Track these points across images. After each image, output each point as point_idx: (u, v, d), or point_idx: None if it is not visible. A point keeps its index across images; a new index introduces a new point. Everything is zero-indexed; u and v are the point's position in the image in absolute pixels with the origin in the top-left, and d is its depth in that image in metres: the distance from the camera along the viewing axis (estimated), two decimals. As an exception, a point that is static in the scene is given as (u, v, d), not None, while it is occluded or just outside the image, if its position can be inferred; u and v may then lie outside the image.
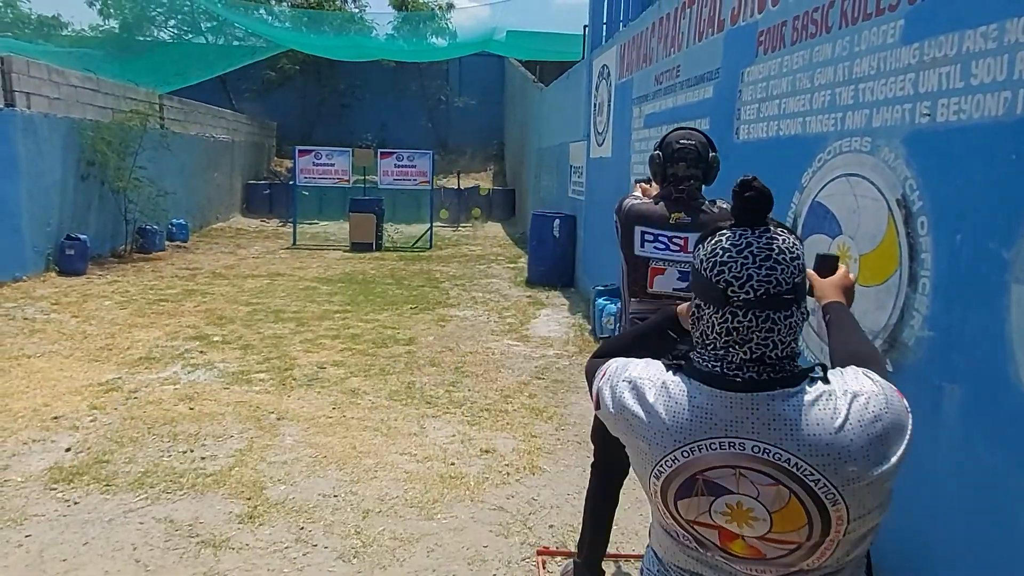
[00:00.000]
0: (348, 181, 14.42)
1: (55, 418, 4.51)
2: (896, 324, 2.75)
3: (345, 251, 13.24)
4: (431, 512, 3.47)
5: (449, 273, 11.03)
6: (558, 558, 3.09)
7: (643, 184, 2.82)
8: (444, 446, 4.26)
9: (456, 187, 19.52)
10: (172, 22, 20.65)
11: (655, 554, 1.34)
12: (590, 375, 1.37)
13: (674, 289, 2.47)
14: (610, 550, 2.87)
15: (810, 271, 1.44)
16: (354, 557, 3.07)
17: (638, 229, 2.47)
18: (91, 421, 4.49)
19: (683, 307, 1.40)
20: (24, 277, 8.88)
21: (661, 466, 1.17)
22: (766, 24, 3.99)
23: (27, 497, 3.50)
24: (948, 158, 2.58)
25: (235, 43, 18.48)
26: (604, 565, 2.80)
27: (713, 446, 1.12)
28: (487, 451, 4.20)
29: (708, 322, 1.17)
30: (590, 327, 7.25)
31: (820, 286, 1.50)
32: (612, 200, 2.81)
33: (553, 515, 3.48)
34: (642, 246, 2.47)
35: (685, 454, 1.14)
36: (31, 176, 9.14)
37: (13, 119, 8.83)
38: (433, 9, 22.67)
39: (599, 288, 7.06)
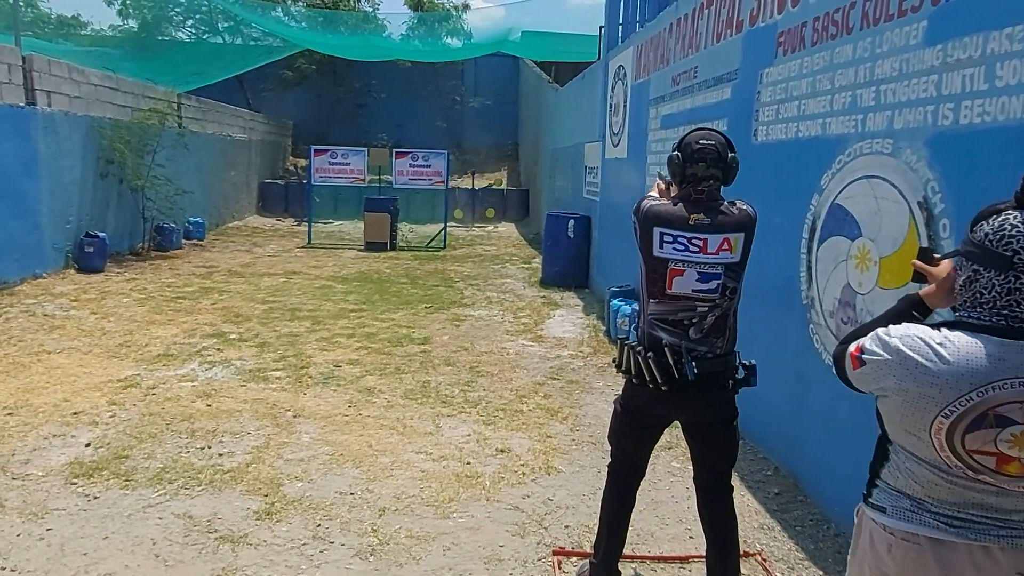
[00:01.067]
0: (363, 180, 14.48)
1: (75, 413, 4.56)
2: (917, 327, 2.73)
3: (360, 250, 13.30)
4: (447, 511, 3.48)
5: (463, 273, 11.05)
6: (574, 558, 3.09)
7: (660, 182, 2.77)
8: (460, 445, 4.27)
9: (471, 187, 19.57)
10: (190, 22, 20.85)
11: (901, 494, 1.56)
12: (836, 358, 1.65)
13: (693, 290, 2.44)
14: (626, 551, 2.86)
15: (920, 263, 1.69)
16: (371, 555, 3.08)
17: (657, 230, 2.45)
18: (110, 417, 4.54)
19: (927, 289, 1.64)
20: (44, 274, 8.99)
21: (953, 406, 1.41)
22: (786, 25, 3.97)
23: (48, 491, 3.54)
24: (972, 160, 2.56)
25: (252, 43, 18.63)
26: (620, 567, 2.80)
27: (1006, 386, 1.38)
28: (502, 451, 4.20)
29: (987, 284, 1.44)
30: (604, 328, 7.24)
31: (943, 272, 1.76)
32: (627, 201, 2.80)
33: (569, 515, 3.48)
34: (661, 247, 2.45)
35: (980, 394, 1.39)
36: (51, 174, 9.24)
37: (34, 117, 8.93)
38: (448, 9, 22.71)
39: (614, 289, 7.05)
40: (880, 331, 1.54)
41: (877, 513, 1.60)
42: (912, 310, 1.65)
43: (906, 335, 1.48)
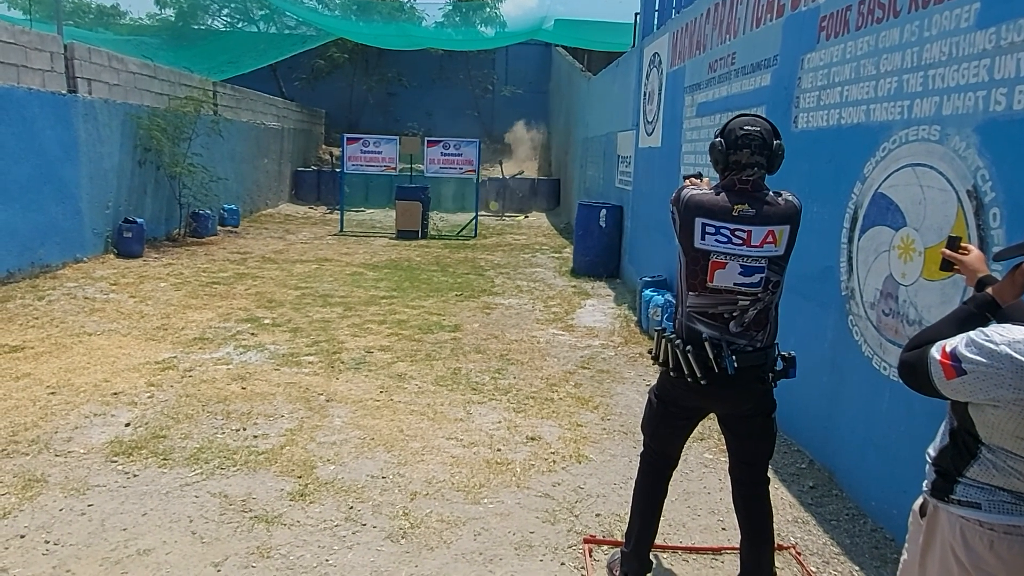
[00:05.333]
0: (395, 169, 14.54)
1: (115, 394, 4.66)
2: (963, 319, 2.65)
3: (391, 238, 13.37)
4: (478, 496, 3.49)
5: (494, 261, 11.05)
6: (605, 547, 3.07)
7: (692, 178, 2.69)
8: (490, 432, 4.28)
9: (500, 175, 19.54)
10: (225, 11, 21.07)
11: (1000, 489, 1.52)
12: (911, 364, 1.57)
13: (735, 284, 2.38)
14: (657, 541, 2.84)
15: (949, 251, 1.68)
16: (402, 538, 3.10)
17: (699, 221, 2.38)
18: (148, 397, 4.63)
19: (997, 287, 1.60)
20: (84, 258, 9.19)
21: None
22: (829, 9, 3.87)
23: (89, 468, 3.62)
24: (1025, 147, 2.47)
25: (286, 32, 18.76)
26: (651, 556, 2.78)
27: None
28: (533, 438, 4.20)
29: None
30: (636, 318, 7.18)
31: (972, 262, 1.78)
32: (661, 191, 2.75)
33: (599, 504, 3.46)
34: (703, 239, 2.38)
35: None
36: (91, 160, 9.43)
37: (75, 104, 9.11)
38: (484, -2, 22.63)
39: (646, 279, 6.99)
40: (977, 337, 1.45)
41: (969, 510, 1.54)
42: (985, 311, 1.59)
43: (1015, 341, 1.39)
